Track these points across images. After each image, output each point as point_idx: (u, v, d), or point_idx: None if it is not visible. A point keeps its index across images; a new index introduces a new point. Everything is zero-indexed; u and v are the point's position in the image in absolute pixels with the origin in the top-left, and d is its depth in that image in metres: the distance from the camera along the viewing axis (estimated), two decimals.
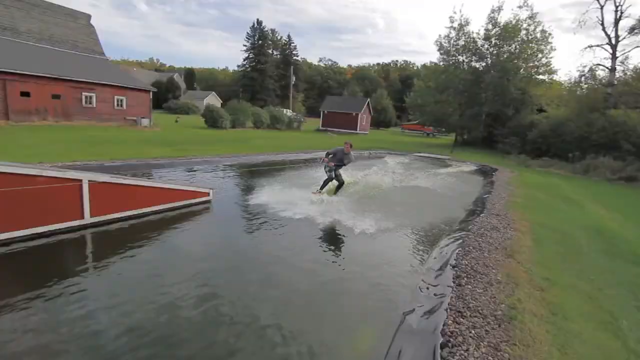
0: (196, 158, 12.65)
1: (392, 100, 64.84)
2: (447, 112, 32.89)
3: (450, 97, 32.10)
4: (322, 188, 8.00)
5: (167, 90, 53.46)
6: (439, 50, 33.15)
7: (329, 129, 39.61)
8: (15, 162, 4.82)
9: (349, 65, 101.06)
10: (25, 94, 18.80)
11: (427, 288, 4.33)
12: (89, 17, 28.24)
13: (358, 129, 40.20)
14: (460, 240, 5.93)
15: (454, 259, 5.13)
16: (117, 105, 23.18)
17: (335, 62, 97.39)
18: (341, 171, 8.25)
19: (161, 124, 26.24)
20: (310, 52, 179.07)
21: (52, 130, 17.12)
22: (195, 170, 10.78)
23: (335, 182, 8.22)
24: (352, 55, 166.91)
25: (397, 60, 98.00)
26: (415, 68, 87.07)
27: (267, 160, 14.47)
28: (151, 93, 25.38)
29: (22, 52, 20.35)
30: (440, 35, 45.70)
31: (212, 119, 27.39)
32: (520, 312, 3.64)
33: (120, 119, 23.09)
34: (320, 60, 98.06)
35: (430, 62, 40.27)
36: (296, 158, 15.97)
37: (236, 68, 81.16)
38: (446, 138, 41.96)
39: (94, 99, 21.84)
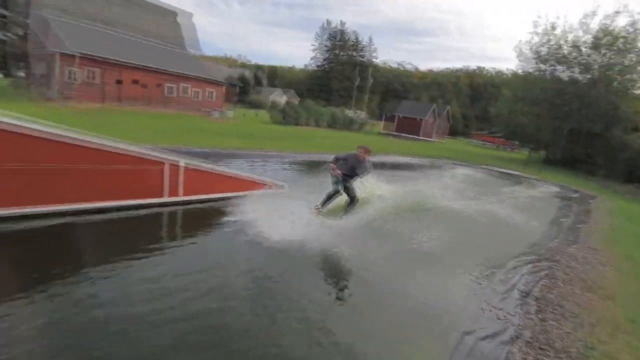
0: (266, 151, 13.31)
1: (461, 108, 61.60)
2: (522, 124, 30.29)
3: (526, 107, 29.52)
4: (323, 204, 6.16)
5: (244, 85, 56.77)
6: (518, 56, 30.80)
7: (391, 132, 38.93)
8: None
9: (418, 69, 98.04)
10: (119, 82, 21.35)
11: (491, 310, 4.11)
12: (175, 14, 31.20)
13: (422, 135, 38.94)
14: (540, 271, 5.52)
15: (524, 285, 4.81)
16: (196, 96, 25.26)
17: (404, 65, 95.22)
18: (355, 182, 6.36)
19: (235, 116, 27.97)
20: (379, 53, 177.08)
21: (138, 115, 19.19)
22: (266, 163, 11.36)
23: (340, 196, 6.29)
24: (422, 58, 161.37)
25: (468, 66, 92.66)
26: (488, 74, 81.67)
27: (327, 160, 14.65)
28: (227, 87, 27.33)
29: (119, 44, 23.09)
30: (520, 41, 42.23)
31: (281, 115, 28.60)
32: (600, 354, 3.31)
33: (198, 109, 25.10)
34: (388, 62, 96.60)
35: (507, 69, 37.41)
36: None
37: (307, 67, 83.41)
38: (519, 152, 38.81)
39: (176, 90, 24.05)
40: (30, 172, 4.37)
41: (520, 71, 30.90)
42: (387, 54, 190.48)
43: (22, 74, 32.74)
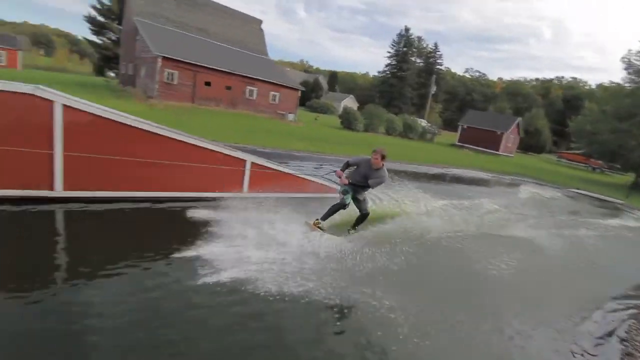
0: (330, 155, 13.48)
1: (550, 122, 55.46)
2: (628, 145, 26.24)
3: (634, 128, 25.52)
4: (324, 217, 5.06)
5: (311, 90, 58.51)
6: (626, 68, 26.75)
7: (465, 145, 36.61)
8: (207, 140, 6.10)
9: (500, 79, 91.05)
10: (207, 84, 23.37)
11: (582, 355, 3.56)
12: (260, 21, 33.36)
13: (501, 150, 35.94)
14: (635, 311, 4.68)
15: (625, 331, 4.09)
16: (272, 99, 26.61)
17: (483, 74, 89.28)
18: (367, 194, 5.28)
19: (303, 120, 28.87)
20: (456, 61, 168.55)
21: (220, 115, 20.79)
22: (328, 166, 11.49)
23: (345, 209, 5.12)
24: (504, 67, 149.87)
25: (562, 77, 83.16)
26: (587, 87, 72.45)
27: (394, 169, 14.29)
28: (300, 92, 28.32)
29: (209, 50, 25.32)
30: (630, 51, 36.72)
31: (347, 121, 28.74)
32: None
33: (272, 112, 26.39)
34: (466, 71, 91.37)
35: (611, 82, 32.82)
36: (426, 171, 15.32)
37: (376, 74, 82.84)
38: (620, 177, 33.66)
39: (255, 93, 25.60)
40: (159, 166, 5.36)
41: (627, 85, 26.84)
42: (466, 62, 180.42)
43: (113, 74, 37.71)
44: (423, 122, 37.67)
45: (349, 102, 57.08)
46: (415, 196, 7.23)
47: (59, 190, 4.79)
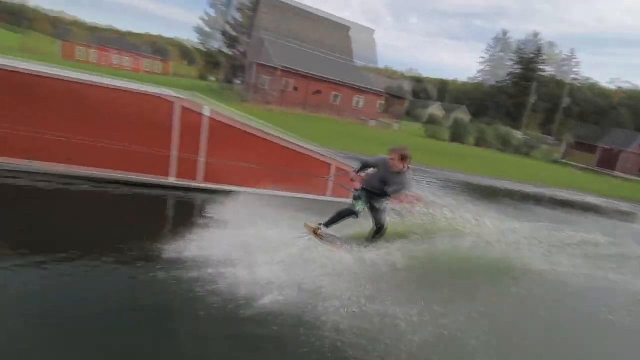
0: (426, 167, 13.07)
1: None
2: None
3: None
4: (328, 223, 4.12)
5: (397, 97, 57.43)
6: None
7: (589, 167, 31.58)
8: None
9: (619, 88, 76.46)
10: (295, 89, 24.73)
11: None
12: (348, 28, 34.22)
13: (617, 170, 30.57)
14: None
15: None
16: (357, 105, 26.97)
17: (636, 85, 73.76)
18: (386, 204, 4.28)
19: (390, 127, 28.52)
20: (577, 68, 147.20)
21: (304, 119, 21.69)
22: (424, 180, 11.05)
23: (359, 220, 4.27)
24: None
25: None
26: None
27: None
28: (386, 97, 28.23)
29: (306, 58, 26.73)
30: None
31: (432, 130, 27.61)
32: None
33: (357, 117, 26.68)
34: (612, 82, 75.39)
35: None
36: (521, 189, 13.83)
37: (471, 80, 77.17)
38: None
39: (340, 98, 26.22)
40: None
41: None
42: (588, 71, 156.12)
43: (238, 81, 42.33)
44: (537, 137, 34.00)
45: (436, 110, 54.70)
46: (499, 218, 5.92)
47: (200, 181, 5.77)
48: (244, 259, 3.68)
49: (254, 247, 3.92)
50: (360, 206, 3.96)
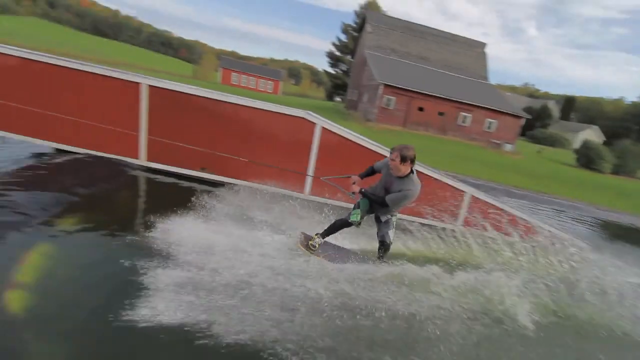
0: (560, 197, 11.07)
1: None
2: None
3: None
4: (324, 234, 3.67)
5: (536, 118, 50.31)
6: None
7: None
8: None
9: None
10: (420, 109, 23.91)
11: None
12: (483, 45, 31.43)
13: None
14: None
15: None
16: (487, 127, 24.52)
17: None
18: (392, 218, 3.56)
19: (522, 152, 25.09)
20: None
21: (429, 140, 20.78)
22: (560, 214, 9.41)
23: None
24: None
25: None
26: None
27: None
28: (523, 120, 24.95)
29: (425, 76, 25.86)
30: None
31: (586, 157, 22.88)
32: None
33: (485, 140, 24.25)
34: None
35: None
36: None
37: (636, 99, 62.29)
38: None
39: (468, 119, 24.27)
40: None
41: None
42: None
43: (339, 99, 44.47)
44: None
45: (589, 134, 45.54)
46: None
47: (306, 193, 6.03)
48: None
49: None
50: (355, 216, 3.43)
